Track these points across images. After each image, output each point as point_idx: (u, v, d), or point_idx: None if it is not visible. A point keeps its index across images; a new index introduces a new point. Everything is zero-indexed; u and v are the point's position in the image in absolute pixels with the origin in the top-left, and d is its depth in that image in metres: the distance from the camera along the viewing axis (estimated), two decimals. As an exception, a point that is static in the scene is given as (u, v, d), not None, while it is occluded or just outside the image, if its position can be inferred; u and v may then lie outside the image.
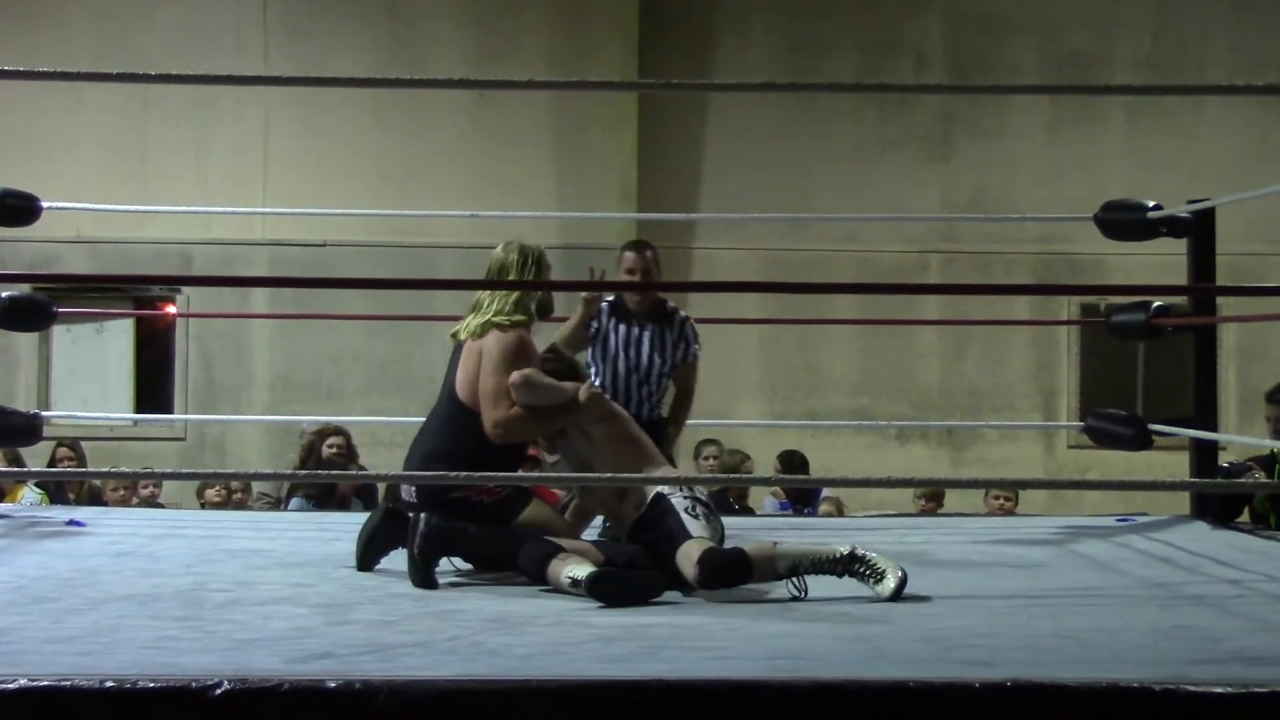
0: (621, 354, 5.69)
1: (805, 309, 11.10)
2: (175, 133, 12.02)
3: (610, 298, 5.76)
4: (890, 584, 4.17)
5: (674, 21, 12.18)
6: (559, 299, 5.52)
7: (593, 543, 4.60)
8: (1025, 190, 12.11)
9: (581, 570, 4.16)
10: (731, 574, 4.22)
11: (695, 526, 4.36)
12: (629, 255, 5.74)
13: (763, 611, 3.96)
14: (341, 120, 12.05)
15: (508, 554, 4.42)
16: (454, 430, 4.73)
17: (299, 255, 11.76)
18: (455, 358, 4.83)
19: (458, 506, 4.57)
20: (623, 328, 5.73)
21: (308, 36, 12.09)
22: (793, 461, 9.23)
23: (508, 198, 11.39)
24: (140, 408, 12.04)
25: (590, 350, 5.74)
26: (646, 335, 5.72)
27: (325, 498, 8.22)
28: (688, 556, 4.24)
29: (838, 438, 11.79)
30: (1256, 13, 12.26)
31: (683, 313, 5.85)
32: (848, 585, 4.23)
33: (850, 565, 4.23)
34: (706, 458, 9.41)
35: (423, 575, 4.38)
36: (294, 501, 8.33)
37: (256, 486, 8.85)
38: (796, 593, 4.16)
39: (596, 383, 5.55)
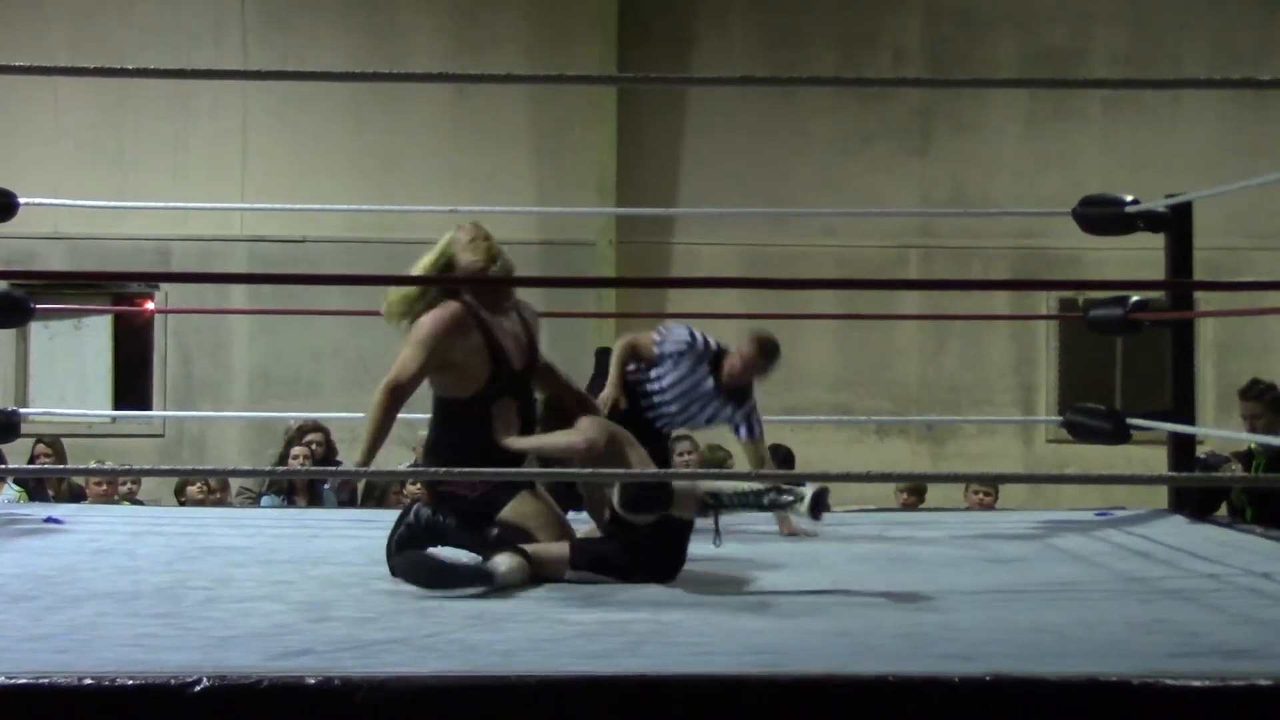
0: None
1: (785, 304, 11.09)
2: (153, 129, 11.98)
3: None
4: (805, 497, 4.22)
5: (653, 16, 12.17)
6: (545, 294, 5.46)
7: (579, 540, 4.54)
8: (1003, 185, 12.13)
9: (502, 563, 4.15)
10: (652, 500, 4.24)
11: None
12: None
13: (743, 607, 3.97)
14: (320, 115, 12.02)
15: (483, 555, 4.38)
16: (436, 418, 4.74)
17: (278, 251, 11.74)
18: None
19: (445, 499, 4.55)
20: None
21: (286, 31, 12.06)
22: (778, 454, 9.22)
23: (487, 193, 11.36)
24: (119, 404, 12.00)
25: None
26: None
27: (294, 493, 8.25)
28: (614, 490, 4.29)
29: (818, 433, 11.79)
30: (1233, 7, 12.29)
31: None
32: (829, 580, 4.24)
33: (769, 494, 4.30)
34: (680, 454, 9.33)
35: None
36: (265, 499, 8.32)
37: (237, 482, 8.83)
38: (714, 511, 4.29)
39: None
